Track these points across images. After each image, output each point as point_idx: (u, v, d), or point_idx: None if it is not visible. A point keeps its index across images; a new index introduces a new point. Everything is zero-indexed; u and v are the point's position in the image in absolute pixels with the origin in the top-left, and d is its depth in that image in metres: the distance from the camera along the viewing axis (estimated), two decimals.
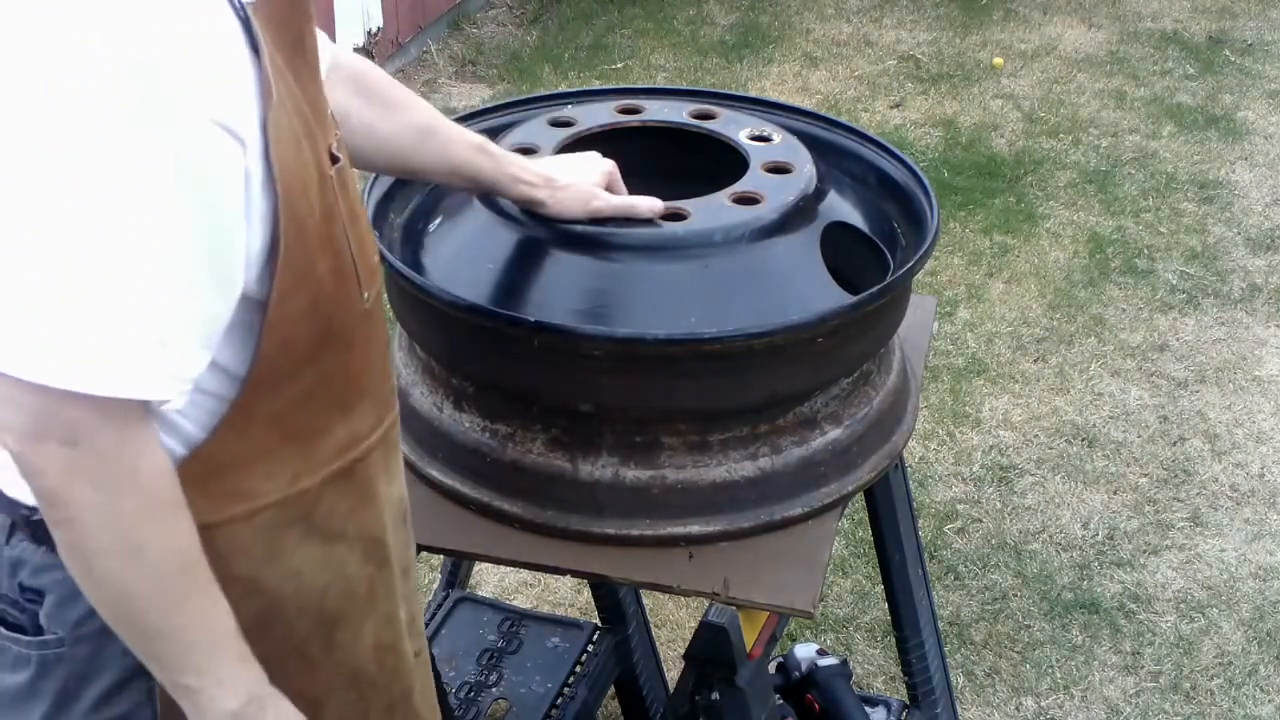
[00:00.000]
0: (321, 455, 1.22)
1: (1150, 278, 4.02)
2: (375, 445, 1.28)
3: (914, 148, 4.76)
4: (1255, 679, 2.67)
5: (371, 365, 1.27)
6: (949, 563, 2.95)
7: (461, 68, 5.52)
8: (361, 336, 1.23)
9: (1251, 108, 5.12)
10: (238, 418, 1.14)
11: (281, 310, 1.12)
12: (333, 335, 1.19)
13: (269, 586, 1.21)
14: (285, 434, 1.18)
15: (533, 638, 2.38)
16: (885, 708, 2.27)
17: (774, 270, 1.58)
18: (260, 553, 1.20)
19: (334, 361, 1.20)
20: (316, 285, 1.15)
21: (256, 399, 1.14)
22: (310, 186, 1.12)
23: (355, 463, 1.25)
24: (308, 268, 1.13)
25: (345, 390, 1.23)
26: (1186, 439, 3.34)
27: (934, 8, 6.03)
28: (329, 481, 1.23)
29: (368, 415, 1.26)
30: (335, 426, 1.22)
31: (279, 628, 1.24)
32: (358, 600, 1.30)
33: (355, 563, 1.28)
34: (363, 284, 1.21)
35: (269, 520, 1.19)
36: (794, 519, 1.59)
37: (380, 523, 1.31)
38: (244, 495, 1.17)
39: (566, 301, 1.54)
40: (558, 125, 1.81)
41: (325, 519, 1.24)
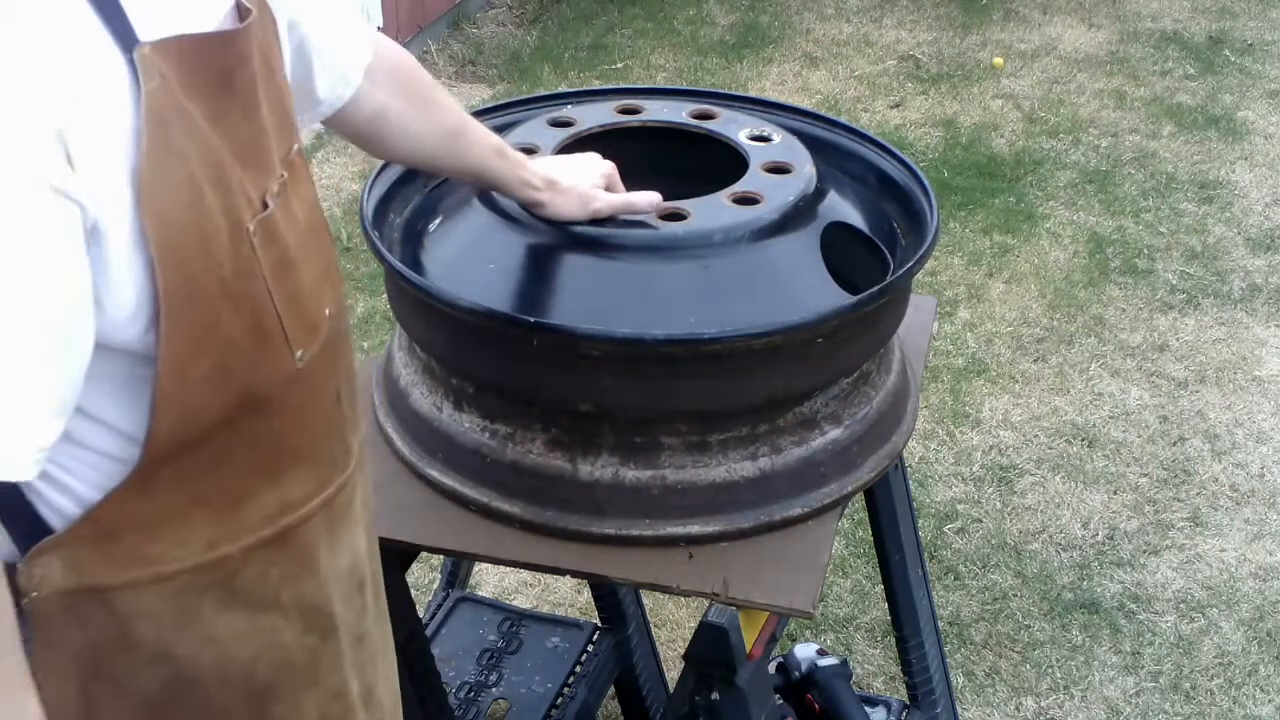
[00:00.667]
0: (244, 522, 1.14)
1: (1150, 278, 4.02)
2: (315, 512, 1.20)
3: (914, 148, 4.76)
4: (1255, 679, 2.67)
5: (309, 428, 1.18)
6: (949, 563, 2.95)
7: (461, 68, 5.52)
8: (294, 399, 1.14)
9: (1251, 108, 5.12)
10: (138, 480, 1.06)
11: (178, 375, 1.04)
12: (253, 399, 1.10)
13: (180, 654, 1.14)
14: (194, 499, 1.10)
15: (533, 638, 2.38)
16: (885, 708, 2.27)
17: (774, 270, 1.58)
18: (169, 619, 1.12)
19: (256, 426, 1.11)
20: (225, 347, 1.06)
21: (157, 461, 1.06)
22: (212, 241, 1.03)
23: (289, 530, 1.17)
24: (208, 329, 1.05)
25: (272, 456, 1.15)
26: (1186, 439, 3.34)
27: (934, 8, 6.03)
28: (256, 549, 1.15)
29: (304, 481, 1.18)
30: (261, 493, 1.14)
31: (196, 699, 1.17)
32: (295, 671, 1.23)
33: (292, 633, 1.21)
34: (293, 343, 1.12)
35: (181, 585, 1.12)
36: (794, 519, 1.59)
37: (323, 593, 1.23)
38: (149, 559, 1.10)
39: (566, 301, 1.54)
40: (558, 125, 1.81)
41: (252, 587, 1.16)
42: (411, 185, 1.82)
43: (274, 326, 1.10)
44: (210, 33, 1.06)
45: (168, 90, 1.00)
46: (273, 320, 1.09)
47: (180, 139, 1.01)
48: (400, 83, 1.45)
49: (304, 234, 1.15)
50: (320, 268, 1.18)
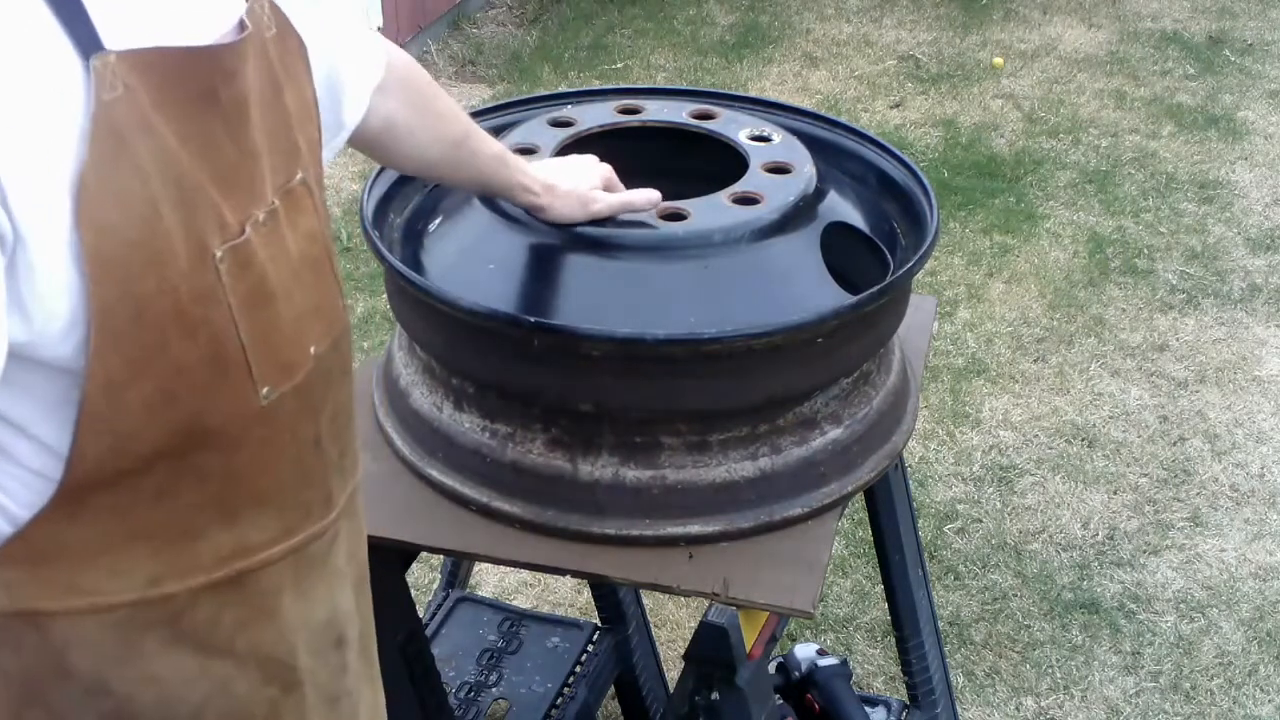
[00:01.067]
0: (193, 561, 1.08)
1: (1150, 278, 4.02)
2: (278, 559, 1.14)
3: (914, 148, 4.76)
4: (1255, 679, 2.67)
5: (274, 471, 1.12)
6: (949, 563, 2.95)
7: (461, 68, 5.51)
8: (256, 438, 1.08)
9: (1251, 108, 5.12)
10: (65, 504, 1.01)
11: (109, 397, 0.98)
12: (203, 433, 1.04)
13: (119, 690, 1.10)
14: (133, 531, 1.05)
15: (533, 638, 2.38)
16: (885, 708, 2.27)
17: (774, 270, 1.58)
18: (109, 651, 1.08)
19: (207, 462, 1.06)
20: (172, 375, 1.00)
21: (86, 487, 1.01)
22: (166, 262, 0.97)
23: (245, 574, 1.12)
24: (153, 353, 0.99)
25: (227, 495, 1.09)
26: (1186, 439, 3.34)
27: (934, 8, 6.03)
28: (206, 590, 1.10)
29: (266, 525, 1.12)
30: (212, 532, 1.09)
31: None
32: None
33: (248, 683, 1.16)
34: (258, 378, 1.06)
35: (122, 619, 1.07)
36: (794, 519, 1.59)
37: (285, 644, 1.17)
38: (85, 589, 1.05)
39: (566, 301, 1.54)
40: (558, 125, 1.81)
41: (200, 629, 1.11)
42: (411, 185, 1.82)
43: (236, 359, 1.04)
44: (191, 47, 1.01)
45: (133, 103, 0.95)
46: (235, 352, 1.04)
47: (141, 154, 0.96)
48: (408, 94, 1.45)
49: (294, 267, 1.09)
50: (311, 304, 1.12)
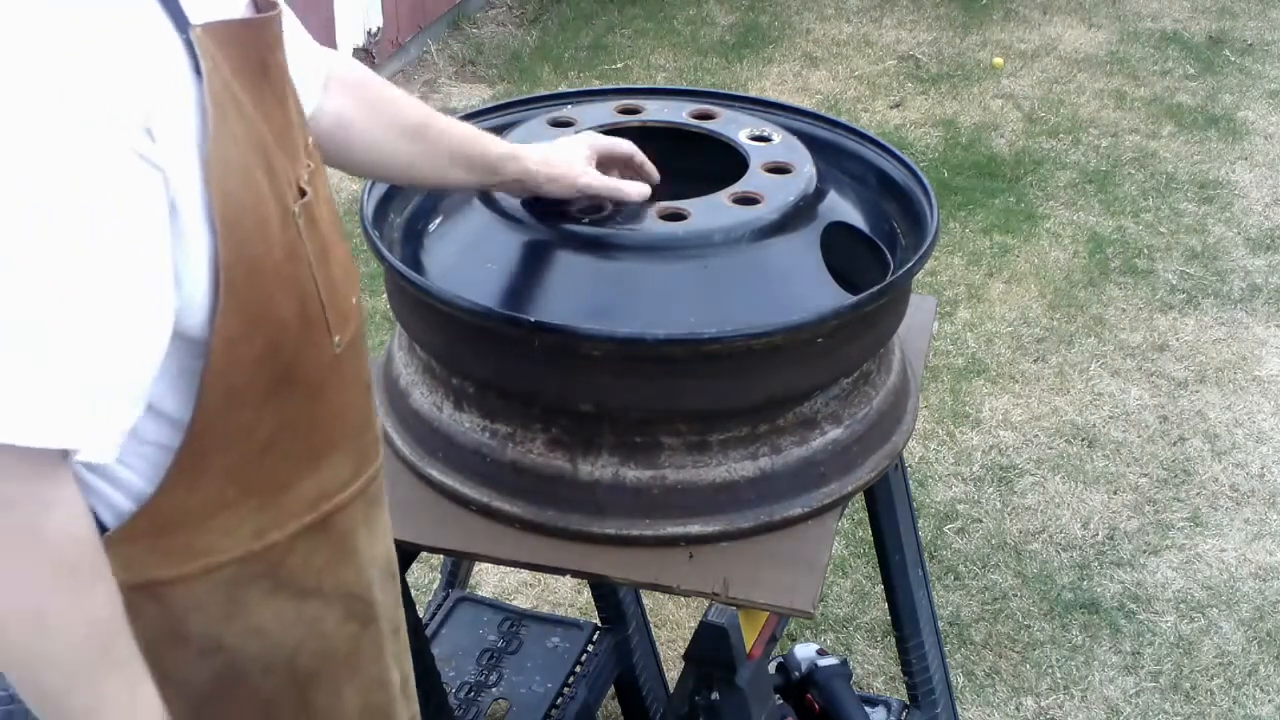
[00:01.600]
0: (289, 508, 1.15)
1: (1150, 278, 4.02)
2: (353, 499, 1.21)
3: (914, 148, 4.76)
4: (1255, 679, 2.67)
5: (346, 414, 1.19)
6: (949, 563, 2.95)
7: (461, 68, 5.52)
8: (333, 384, 1.16)
9: (1251, 108, 5.12)
10: (187, 470, 1.07)
11: (229, 356, 1.05)
12: (295, 383, 1.11)
13: (229, 645, 1.15)
14: (244, 488, 1.11)
15: (533, 638, 2.38)
16: (885, 708, 2.27)
17: (774, 270, 1.58)
18: (219, 610, 1.13)
19: (298, 411, 1.13)
20: (276, 329, 1.07)
21: (206, 450, 1.07)
22: (268, 223, 1.05)
23: (330, 516, 1.19)
24: (263, 310, 1.06)
25: (313, 441, 1.16)
26: (1186, 439, 3.34)
27: (934, 8, 6.03)
28: (300, 536, 1.16)
29: (342, 467, 1.20)
30: (302, 479, 1.15)
31: (243, 689, 1.17)
32: (337, 660, 1.24)
33: (334, 620, 1.22)
34: (332, 328, 1.14)
35: (230, 576, 1.12)
36: (794, 519, 1.59)
37: (363, 579, 1.24)
38: (200, 551, 1.10)
39: (567, 301, 1.54)
40: (558, 125, 1.81)
41: (296, 574, 1.17)
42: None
43: (317, 312, 1.11)
44: (248, 18, 1.08)
45: (218, 74, 1.02)
46: (315, 305, 1.11)
47: (234, 124, 1.02)
48: (357, 90, 1.45)
49: (332, 222, 1.17)
50: (345, 257, 1.19)
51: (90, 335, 0.96)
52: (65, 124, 0.93)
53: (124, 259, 0.97)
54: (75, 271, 0.95)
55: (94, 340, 0.96)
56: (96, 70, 0.95)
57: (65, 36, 0.94)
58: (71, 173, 0.94)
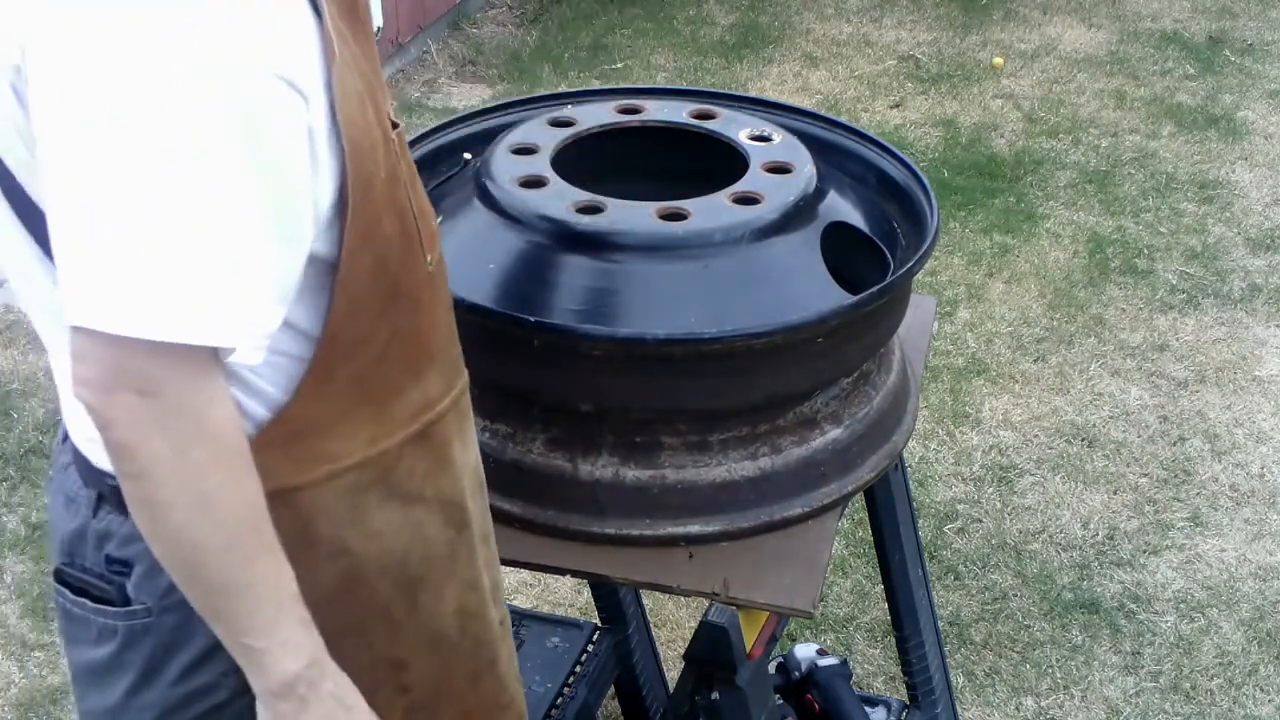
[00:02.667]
0: (397, 418, 1.22)
1: (1150, 278, 4.02)
2: (448, 410, 1.29)
3: (914, 148, 4.76)
4: (1255, 679, 2.67)
5: (438, 329, 1.28)
6: (949, 563, 2.95)
7: (461, 68, 5.52)
8: (427, 299, 1.24)
9: (1251, 108, 5.12)
10: (316, 378, 1.15)
11: (351, 268, 1.13)
12: (400, 296, 1.19)
13: (353, 548, 1.22)
14: (362, 396, 1.19)
15: (533, 638, 2.38)
16: (885, 708, 2.27)
17: (774, 270, 1.58)
18: (344, 514, 1.20)
19: (404, 322, 1.21)
20: (384, 244, 1.16)
21: (333, 360, 1.15)
22: (376, 147, 1.13)
23: (430, 426, 1.26)
24: (374, 226, 1.14)
25: (416, 353, 1.24)
26: (1186, 439, 3.34)
27: (934, 8, 6.03)
28: (406, 444, 1.23)
29: (438, 379, 1.27)
30: (408, 389, 1.23)
31: (363, 590, 1.25)
32: (439, 564, 1.31)
33: (435, 526, 1.29)
34: (425, 246, 1.22)
35: (351, 482, 1.20)
36: (794, 519, 1.59)
37: (458, 486, 1.31)
38: (327, 457, 1.18)
39: (567, 301, 1.54)
40: (558, 125, 1.81)
41: (404, 481, 1.24)
42: None
43: (412, 230, 1.20)
44: None
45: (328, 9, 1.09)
46: (412, 224, 1.19)
47: (346, 55, 1.10)
48: None
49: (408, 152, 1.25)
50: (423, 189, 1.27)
51: (246, 240, 1.04)
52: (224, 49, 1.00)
53: (276, 170, 1.05)
54: (234, 180, 1.02)
55: (249, 245, 1.04)
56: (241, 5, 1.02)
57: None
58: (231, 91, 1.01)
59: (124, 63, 0.98)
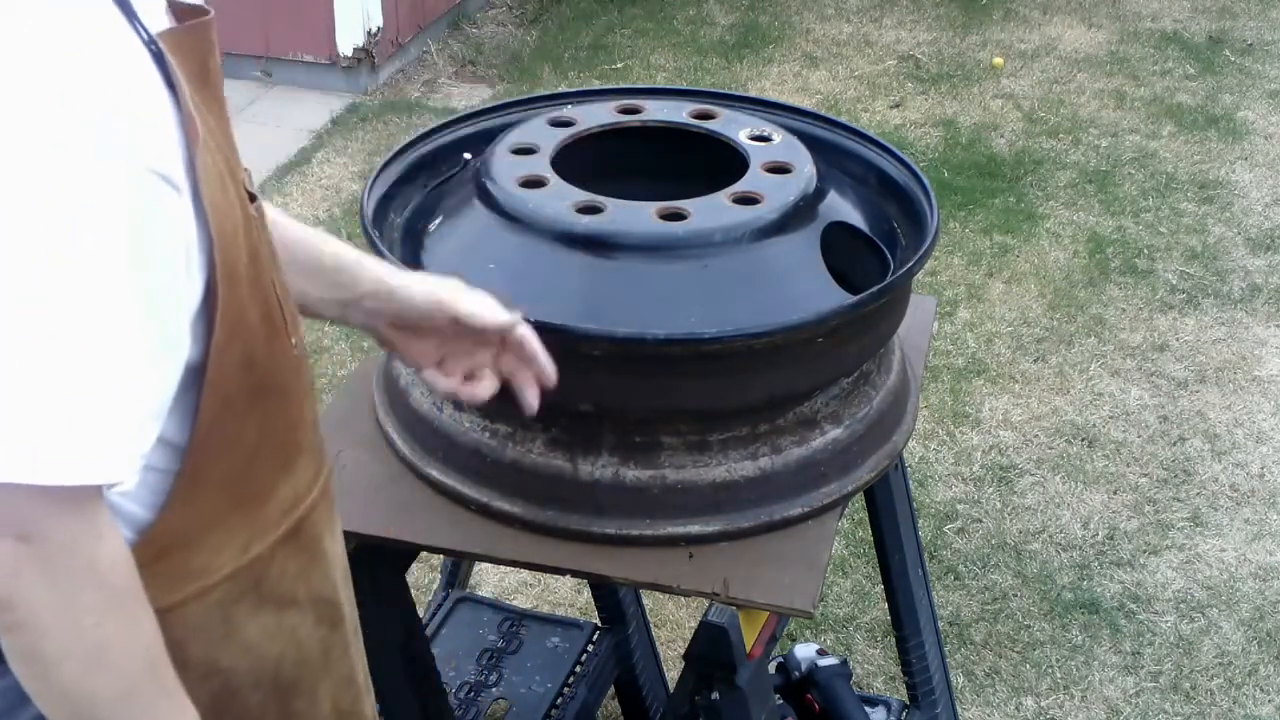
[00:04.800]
0: (270, 518, 1.16)
1: (1150, 278, 4.02)
2: (318, 500, 1.22)
3: (914, 148, 4.76)
4: (1255, 679, 2.67)
5: (306, 416, 1.21)
6: (949, 563, 2.95)
7: (461, 68, 5.51)
8: (295, 386, 1.17)
9: (1251, 108, 5.12)
10: (185, 489, 1.07)
11: (219, 366, 1.05)
12: (269, 388, 1.12)
13: (226, 665, 1.16)
14: (233, 501, 1.11)
15: (533, 638, 2.38)
16: (885, 708, 2.27)
17: (774, 270, 1.58)
18: (215, 631, 1.14)
19: (274, 416, 1.14)
20: (249, 335, 1.07)
21: (202, 466, 1.07)
22: (238, 230, 1.05)
23: (301, 521, 1.20)
24: (240, 317, 1.06)
25: (286, 446, 1.17)
26: (1186, 439, 3.34)
27: (934, 8, 6.03)
28: (278, 545, 1.17)
29: (307, 469, 1.21)
30: (280, 486, 1.16)
31: (235, 706, 1.18)
32: (312, 665, 1.25)
33: (308, 627, 1.23)
34: (290, 330, 1.14)
35: (222, 595, 1.13)
36: (794, 519, 1.59)
37: (330, 581, 1.25)
38: (196, 573, 1.10)
39: (566, 301, 1.54)
40: (558, 125, 1.81)
41: (276, 585, 1.18)
42: (412, 185, 1.82)
43: (278, 315, 1.11)
44: (196, 22, 1.07)
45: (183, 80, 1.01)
46: (276, 309, 1.11)
47: (203, 130, 1.02)
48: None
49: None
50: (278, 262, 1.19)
51: (129, 361, 0.95)
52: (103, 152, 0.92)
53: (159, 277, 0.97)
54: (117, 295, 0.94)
55: (132, 365, 0.96)
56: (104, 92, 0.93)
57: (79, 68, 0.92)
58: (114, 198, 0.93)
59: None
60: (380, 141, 4.79)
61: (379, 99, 5.19)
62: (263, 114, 5.06)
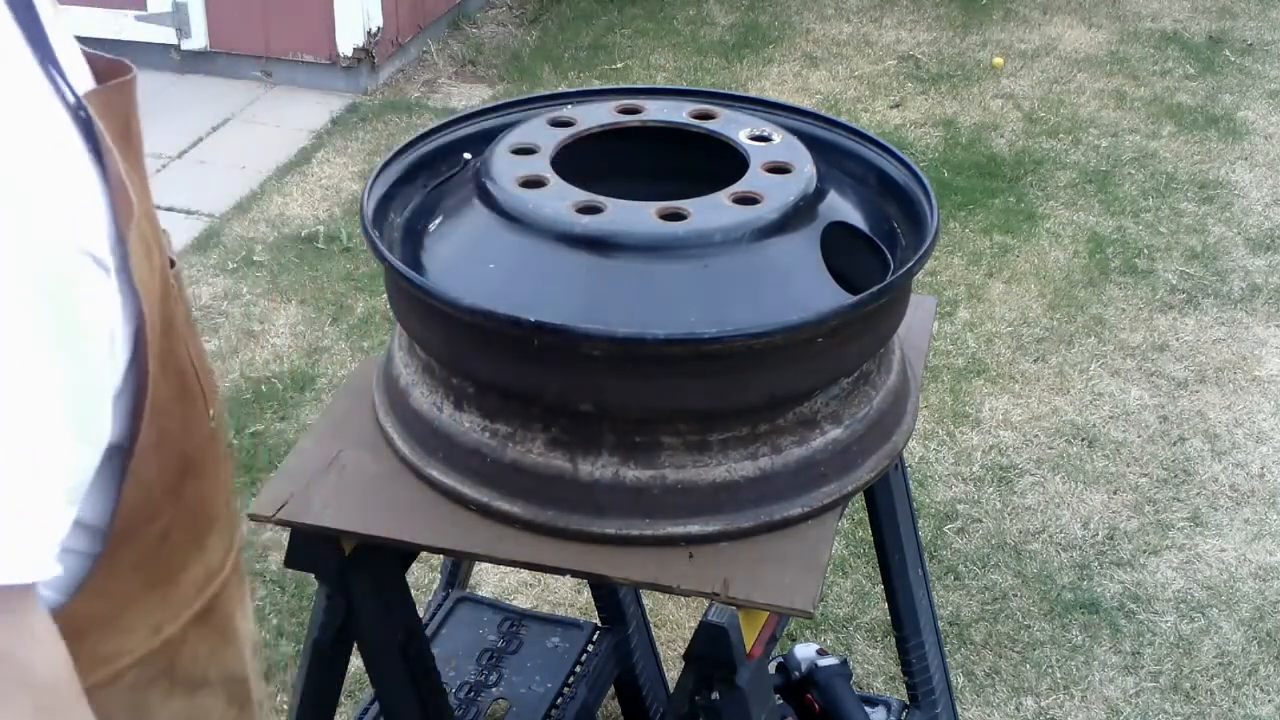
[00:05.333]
0: (183, 597, 1.12)
1: (1150, 278, 4.02)
2: (230, 575, 1.19)
3: (914, 148, 4.76)
4: (1255, 679, 2.67)
5: (221, 490, 1.17)
6: (949, 563, 2.95)
7: (461, 68, 5.51)
8: (210, 460, 1.12)
9: (1251, 108, 5.12)
10: (101, 573, 1.01)
11: (143, 447, 1.00)
12: (186, 466, 1.07)
13: None
14: (146, 582, 1.07)
15: (533, 638, 2.38)
16: (885, 708, 2.27)
17: (774, 270, 1.58)
18: (126, 718, 1.09)
19: (188, 491, 1.09)
20: (161, 415, 1.01)
21: (118, 549, 1.02)
22: (159, 298, 0.99)
23: (214, 599, 1.16)
24: (156, 396, 1.01)
25: (199, 522, 1.13)
26: (1186, 439, 3.34)
27: (934, 8, 6.03)
28: (189, 625, 1.13)
29: (218, 544, 1.17)
30: (192, 563, 1.12)
31: None
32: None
33: (219, 708, 1.20)
34: (208, 402, 1.10)
35: (132, 680, 1.08)
36: (794, 519, 1.59)
37: (240, 660, 1.22)
38: (107, 657, 1.05)
39: (567, 301, 1.54)
40: (558, 125, 1.81)
41: (188, 668, 1.14)
42: (411, 185, 1.81)
43: (195, 389, 1.07)
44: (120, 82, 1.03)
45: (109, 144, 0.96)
46: (193, 382, 1.07)
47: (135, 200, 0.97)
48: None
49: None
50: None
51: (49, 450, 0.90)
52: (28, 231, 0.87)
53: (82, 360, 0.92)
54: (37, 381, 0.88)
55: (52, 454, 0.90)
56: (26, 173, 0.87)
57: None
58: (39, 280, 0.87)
59: None
60: (380, 141, 4.79)
61: (379, 99, 5.19)
62: (262, 114, 5.06)
